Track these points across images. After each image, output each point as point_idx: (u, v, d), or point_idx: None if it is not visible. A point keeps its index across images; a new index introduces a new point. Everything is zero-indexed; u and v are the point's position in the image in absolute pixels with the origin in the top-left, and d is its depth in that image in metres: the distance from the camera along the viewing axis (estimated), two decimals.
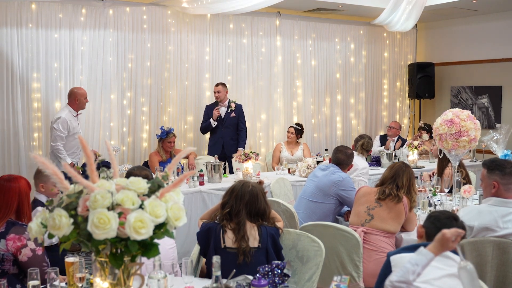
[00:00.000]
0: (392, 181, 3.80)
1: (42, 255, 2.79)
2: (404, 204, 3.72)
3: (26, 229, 2.80)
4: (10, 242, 2.75)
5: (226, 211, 3.02)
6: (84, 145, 1.83)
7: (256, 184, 3.15)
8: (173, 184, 1.80)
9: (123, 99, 7.08)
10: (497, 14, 8.36)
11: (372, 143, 5.82)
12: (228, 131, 6.91)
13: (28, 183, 3.07)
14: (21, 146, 6.40)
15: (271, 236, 3.02)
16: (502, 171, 3.25)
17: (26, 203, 2.96)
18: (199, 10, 7.18)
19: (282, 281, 2.56)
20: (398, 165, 3.89)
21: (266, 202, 3.12)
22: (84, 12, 6.71)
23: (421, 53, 9.76)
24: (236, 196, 3.04)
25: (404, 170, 3.84)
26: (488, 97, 8.60)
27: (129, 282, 1.79)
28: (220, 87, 6.86)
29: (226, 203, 3.07)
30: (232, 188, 3.11)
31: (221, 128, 6.88)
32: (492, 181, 3.26)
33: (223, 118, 6.87)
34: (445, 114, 4.25)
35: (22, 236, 2.78)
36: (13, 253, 2.77)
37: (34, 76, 6.50)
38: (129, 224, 1.64)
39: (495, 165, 3.28)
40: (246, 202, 3.02)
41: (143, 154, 7.21)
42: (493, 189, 3.26)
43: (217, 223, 3.03)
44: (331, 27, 8.76)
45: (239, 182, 3.14)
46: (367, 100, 9.28)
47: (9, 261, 2.77)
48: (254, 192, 3.05)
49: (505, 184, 3.23)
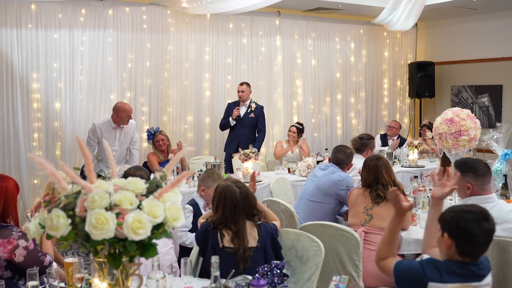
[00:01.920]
0: (376, 182, 3.80)
1: (35, 247, 2.77)
2: None
3: (12, 229, 2.76)
4: (1, 248, 2.69)
5: (223, 224, 2.94)
6: (82, 146, 1.83)
7: (239, 183, 3.06)
8: (171, 184, 1.80)
9: (123, 99, 7.06)
10: (497, 13, 8.35)
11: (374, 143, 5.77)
12: (245, 131, 6.95)
13: (17, 185, 2.96)
14: (21, 147, 6.40)
15: (271, 236, 3.01)
16: (475, 172, 3.20)
17: (12, 204, 2.86)
18: (199, 10, 7.18)
19: (282, 281, 2.56)
20: (372, 163, 3.85)
21: (252, 194, 3.09)
22: (83, 12, 6.70)
23: (421, 52, 9.75)
24: (230, 207, 2.94)
25: (380, 165, 3.82)
26: (489, 96, 8.59)
27: (128, 283, 1.78)
28: (245, 87, 6.92)
29: (220, 217, 2.95)
30: (223, 199, 2.96)
31: (238, 127, 6.93)
32: (466, 183, 3.21)
33: (242, 118, 6.89)
34: (445, 113, 4.24)
35: (11, 238, 2.71)
36: (7, 258, 2.70)
37: (34, 77, 6.50)
38: (127, 224, 1.63)
39: (468, 167, 3.22)
40: (242, 209, 2.95)
41: (143, 154, 7.20)
42: (467, 190, 3.23)
43: (215, 225, 2.99)
44: (331, 27, 8.76)
45: (225, 190, 2.97)
46: (367, 99, 9.27)
47: (1, 268, 2.72)
48: (244, 194, 2.98)
49: (479, 185, 3.20)
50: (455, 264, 2.22)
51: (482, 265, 2.25)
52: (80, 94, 6.74)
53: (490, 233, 2.23)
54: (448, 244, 2.22)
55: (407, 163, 6.75)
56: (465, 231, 2.19)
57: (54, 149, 6.66)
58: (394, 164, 6.70)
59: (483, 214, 2.23)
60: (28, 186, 6.48)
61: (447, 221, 2.25)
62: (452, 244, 2.21)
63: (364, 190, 3.89)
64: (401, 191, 3.80)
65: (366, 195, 3.85)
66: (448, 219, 2.25)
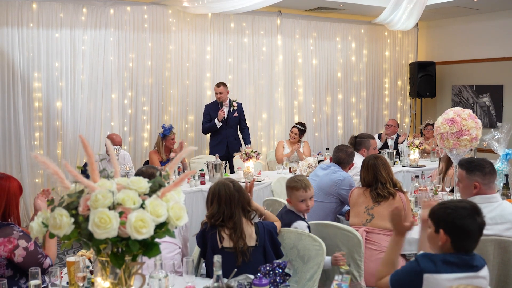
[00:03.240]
0: (375, 181, 3.81)
1: (35, 248, 2.76)
2: (402, 199, 3.73)
3: (13, 228, 2.77)
4: (1, 247, 2.68)
5: (220, 220, 2.95)
6: (85, 145, 1.83)
7: (230, 178, 3.10)
8: (174, 183, 1.80)
9: (124, 99, 7.08)
10: (498, 13, 8.35)
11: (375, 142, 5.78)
12: (232, 131, 6.94)
13: (20, 186, 2.95)
14: (22, 146, 6.40)
15: (269, 233, 3.01)
16: (482, 171, 3.19)
17: (14, 204, 2.86)
18: (200, 10, 7.18)
19: (283, 280, 2.56)
20: (371, 162, 3.87)
21: (245, 191, 3.11)
22: (85, 11, 6.71)
23: (422, 52, 9.75)
24: (225, 201, 2.95)
25: (379, 164, 3.83)
26: (489, 96, 8.59)
27: (130, 282, 1.79)
28: (222, 88, 6.83)
29: (216, 212, 2.96)
30: (218, 194, 2.98)
31: (225, 129, 6.88)
32: (473, 182, 3.20)
33: (227, 118, 6.87)
34: (446, 113, 4.23)
35: (12, 237, 2.71)
36: (7, 257, 2.70)
37: (35, 76, 6.50)
38: (130, 223, 1.63)
39: (475, 166, 3.22)
40: (237, 201, 2.96)
41: (144, 154, 7.21)
42: (474, 190, 3.22)
43: (213, 226, 3.00)
44: (332, 26, 8.76)
45: (219, 186, 3.00)
46: (368, 99, 9.28)
47: (2, 266, 2.72)
48: (238, 188, 3.00)
49: (486, 183, 3.20)
50: (450, 255, 2.23)
51: (476, 256, 2.27)
52: (81, 93, 6.74)
53: (482, 227, 2.26)
54: (443, 240, 2.23)
55: (407, 162, 6.75)
56: (462, 227, 2.21)
57: (55, 148, 6.66)
58: (395, 164, 6.70)
59: (476, 209, 2.26)
60: (29, 185, 6.48)
61: (442, 218, 2.26)
62: (447, 240, 2.23)
63: (364, 189, 3.90)
64: (399, 188, 3.81)
65: (367, 194, 3.85)
66: (444, 215, 2.25)
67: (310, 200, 3.47)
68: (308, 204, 3.45)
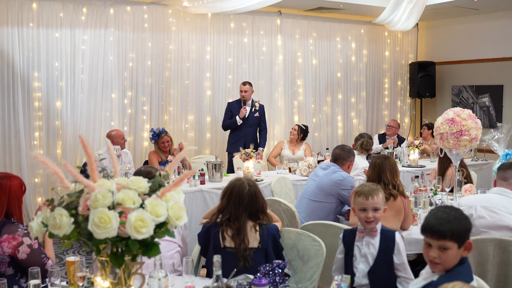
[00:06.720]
0: (379, 180, 3.81)
1: (39, 248, 2.77)
2: (403, 201, 3.73)
3: (18, 226, 2.77)
4: (5, 243, 2.70)
5: (226, 218, 2.95)
6: (85, 144, 1.83)
7: (251, 181, 3.05)
8: (174, 183, 1.80)
9: (124, 98, 7.08)
10: (498, 13, 8.35)
11: (372, 142, 5.83)
12: (251, 130, 6.97)
13: (22, 185, 2.94)
14: (22, 146, 6.40)
15: (272, 237, 3.00)
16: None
17: (16, 204, 2.86)
18: (200, 9, 7.18)
19: (283, 280, 2.56)
20: (378, 162, 3.87)
21: (263, 198, 3.08)
22: (85, 11, 6.71)
23: (422, 52, 9.75)
24: (234, 201, 2.95)
25: (386, 164, 3.83)
26: (489, 96, 8.59)
27: (130, 282, 1.79)
28: (248, 87, 6.90)
29: (224, 208, 2.98)
30: (230, 191, 2.99)
31: (245, 127, 6.91)
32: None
33: (248, 117, 6.90)
34: (446, 113, 4.24)
35: (16, 234, 2.72)
36: (10, 253, 2.71)
37: (35, 75, 6.50)
38: (130, 223, 1.63)
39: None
40: (245, 205, 2.95)
41: (144, 154, 7.21)
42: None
43: (217, 224, 3.00)
44: (332, 26, 8.76)
45: (235, 183, 3.00)
46: (368, 99, 9.27)
47: (4, 263, 2.72)
48: (252, 193, 2.97)
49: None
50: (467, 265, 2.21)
51: None
52: (81, 93, 6.74)
53: None
54: (469, 247, 2.20)
55: (407, 162, 6.75)
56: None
57: (55, 148, 6.66)
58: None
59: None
60: (29, 185, 6.47)
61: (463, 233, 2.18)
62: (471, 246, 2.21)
63: None
64: (401, 192, 3.80)
65: None
66: (465, 231, 2.18)
67: (373, 212, 2.87)
68: (368, 216, 2.86)
